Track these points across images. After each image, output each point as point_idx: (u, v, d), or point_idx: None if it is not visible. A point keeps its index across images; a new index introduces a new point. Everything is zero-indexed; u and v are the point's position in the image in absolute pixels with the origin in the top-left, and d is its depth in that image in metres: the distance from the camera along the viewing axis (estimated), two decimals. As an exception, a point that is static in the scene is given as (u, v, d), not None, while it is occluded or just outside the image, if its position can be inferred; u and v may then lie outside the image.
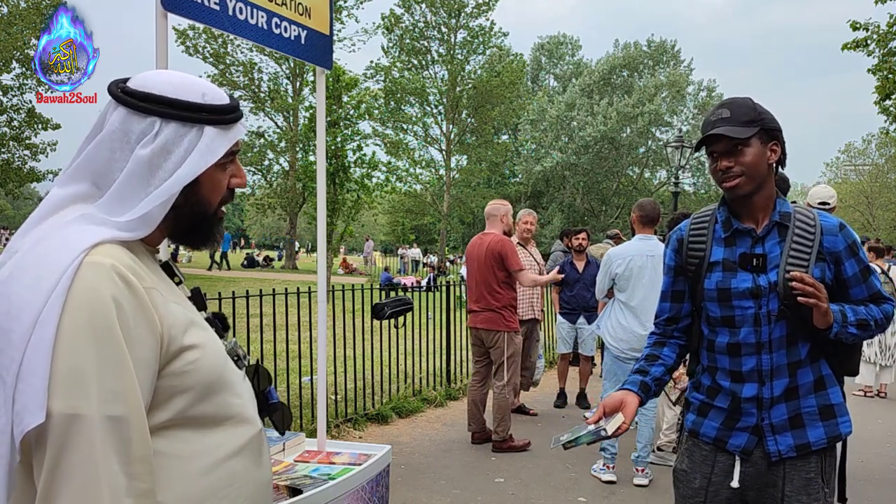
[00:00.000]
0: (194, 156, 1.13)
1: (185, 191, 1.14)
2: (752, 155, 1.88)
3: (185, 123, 1.13)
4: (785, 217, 1.93)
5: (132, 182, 1.09)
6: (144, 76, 1.15)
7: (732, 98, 1.96)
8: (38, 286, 0.99)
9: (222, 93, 1.22)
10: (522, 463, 5.08)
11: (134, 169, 1.09)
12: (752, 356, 1.92)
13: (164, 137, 1.11)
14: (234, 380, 1.21)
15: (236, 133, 1.20)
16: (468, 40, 33.90)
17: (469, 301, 5.56)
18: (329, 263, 16.39)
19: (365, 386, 6.09)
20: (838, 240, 1.92)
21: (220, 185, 1.21)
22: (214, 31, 25.48)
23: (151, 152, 1.10)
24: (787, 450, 1.91)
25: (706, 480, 2.01)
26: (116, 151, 1.10)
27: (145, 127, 1.10)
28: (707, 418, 2.03)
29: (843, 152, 44.44)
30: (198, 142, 1.13)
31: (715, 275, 1.98)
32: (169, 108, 1.11)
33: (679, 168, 15.32)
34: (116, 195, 1.10)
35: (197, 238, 1.23)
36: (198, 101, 1.15)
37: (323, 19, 3.21)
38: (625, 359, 4.71)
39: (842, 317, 1.86)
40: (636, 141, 34.63)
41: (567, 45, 43.88)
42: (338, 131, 14.45)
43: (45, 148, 21.36)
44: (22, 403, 0.95)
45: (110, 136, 1.10)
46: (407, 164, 33.68)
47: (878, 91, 14.08)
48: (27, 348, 0.96)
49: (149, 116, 1.10)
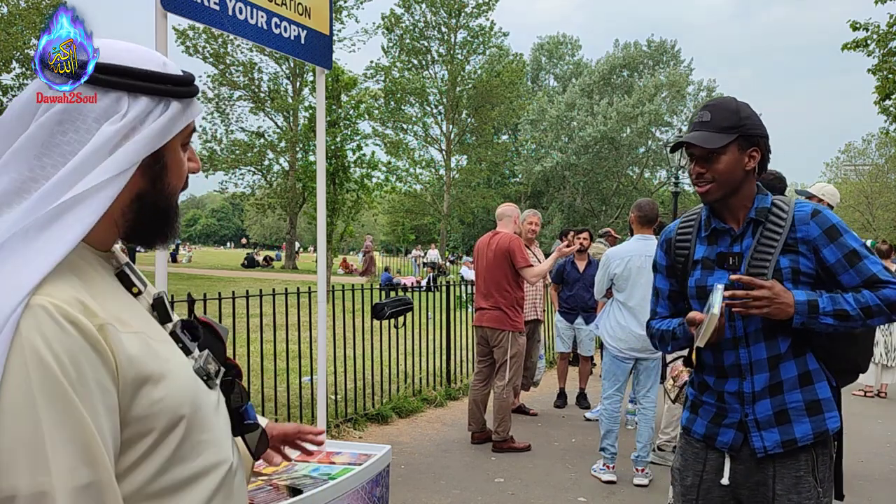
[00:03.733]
0: (154, 129, 0.98)
1: (150, 175, 1.00)
2: (725, 163, 1.89)
3: (153, 97, 0.98)
4: (761, 213, 1.93)
5: (92, 160, 0.94)
6: (99, 46, 0.97)
7: (717, 100, 1.96)
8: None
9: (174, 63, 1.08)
10: (522, 463, 5.08)
11: (97, 146, 0.94)
12: (730, 351, 1.94)
13: (134, 113, 0.96)
14: (204, 412, 1.06)
15: (195, 109, 1.06)
16: (468, 40, 33.93)
17: (477, 298, 5.57)
18: (329, 263, 16.39)
19: (365, 386, 6.09)
20: (811, 227, 1.88)
21: (182, 170, 1.08)
22: (214, 31, 25.49)
23: (120, 128, 0.95)
24: (773, 446, 1.91)
25: (698, 478, 2.03)
26: (69, 132, 0.94)
27: (109, 104, 0.95)
28: (698, 416, 2.05)
29: (843, 152, 44.50)
30: (159, 117, 0.99)
31: (696, 273, 2.01)
32: (135, 81, 0.97)
33: (679, 168, 15.35)
34: (64, 181, 0.93)
35: (159, 231, 1.07)
36: (161, 70, 1.00)
37: (323, 19, 3.21)
38: (623, 358, 4.71)
39: (808, 307, 1.82)
40: (636, 141, 34.65)
41: (567, 46, 43.92)
42: (337, 131, 14.46)
43: (45, 148, 21.37)
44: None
45: (59, 116, 0.93)
46: (407, 164, 33.71)
47: (878, 91, 14.09)
48: None
49: (112, 91, 0.95)
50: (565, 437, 5.85)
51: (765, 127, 1.95)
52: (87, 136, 0.94)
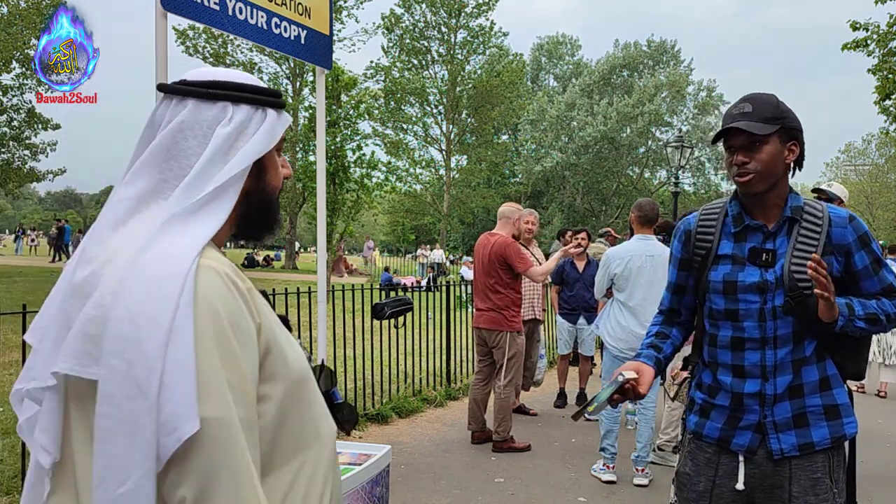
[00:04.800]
0: (260, 134, 1.18)
1: (255, 174, 1.19)
2: (768, 153, 1.86)
3: (252, 106, 1.19)
4: (796, 211, 1.91)
5: (215, 160, 1.13)
6: (197, 71, 1.20)
7: (757, 93, 1.93)
8: (162, 297, 1.00)
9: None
10: (522, 463, 5.08)
11: (217, 147, 1.13)
12: (755, 351, 1.90)
13: (239, 118, 1.16)
14: (312, 385, 1.23)
15: (285, 121, 1.25)
16: (468, 40, 33.90)
17: (475, 299, 5.60)
18: (329, 263, 16.39)
19: (365, 386, 6.09)
20: (847, 231, 1.89)
21: (279, 172, 1.26)
22: (214, 31, 25.48)
23: (231, 130, 1.15)
24: (790, 448, 1.89)
25: (710, 483, 1.98)
26: (189, 139, 1.13)
27: (217, 112, 1.15)
28: (709, 419, 2.00)
29: (843, 152, 44.49)
30: (262, 123, 1.19)
31: (722, 267, 1.96)
32: (237, 92, 1.17)
33: (679, 168, 15.33)
34: (200, 176, 1.12)
35: (265, 224, 1.26)
36: (254, 83, 1.21)
37: (323, 19, 3.21)
38: (624, 358, 4.71)
39: (848, 310, 1.83)
40: (636, 141, 34.62)
41: (567, 46, 43.88)
42: (337, 131, 14.45)
43: (45, 148, 21.38)
44: (171, 412, 0.97)
45: (179, 126, 1.13)
46: (407, 164, 33.68)
47: (878, 91, 14.07)
48: (166, 359, 0.98)
49: (219, 102, 1.16)
50: (565, 437, 5.85)
51: (801, 123, 1.93)
52: (204, 140, 1.13)
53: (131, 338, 0.98)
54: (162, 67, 2.46)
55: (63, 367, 1.02)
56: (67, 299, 1.07)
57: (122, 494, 0.96)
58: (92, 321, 1.01)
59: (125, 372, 0.98)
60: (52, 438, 1.06)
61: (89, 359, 1.01)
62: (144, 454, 0.96)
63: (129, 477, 0.96)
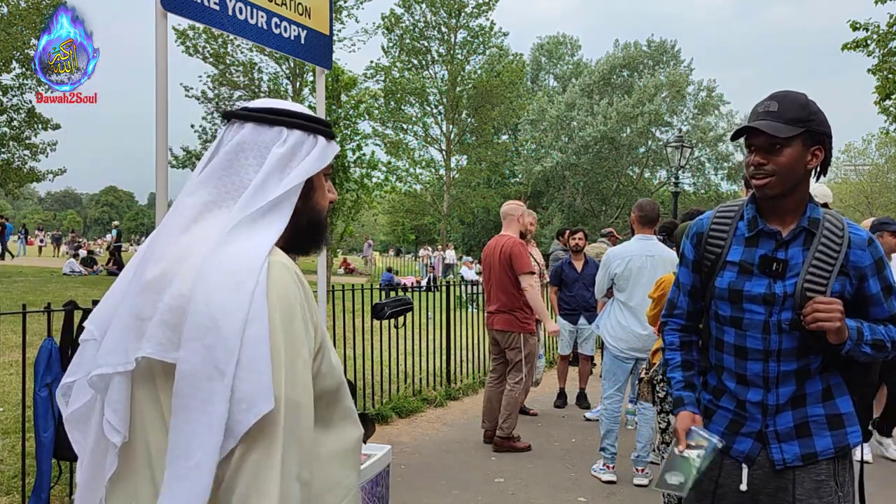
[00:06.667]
0: (312, 157, 1.32)
1: (304, 194, 1.31)
2: (788, 156, 1.79)
3: (304, 132, 1.33)
4: (813, 224, 1.85)
5: (272, 176, 1.26)
6: (257, 101, 1.37)
7: (785, 92, 1.86)
8: (239, 288, 1.11)
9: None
10: (522, 463, 5.09)
11: (273, 164, 1.26)
12: (758, 362, 1.87)
13: (293, 141, 1.30)
14: (346, 389, 1.35)
15: (334, 148, 1.38)
16: (468, 40, 33.87)
17: (487, 303, 5.64)
18: (329, 263, 16.38)
19: (365, 386, 6.09)
20: (866, 255, 1.83)
21: (325, 194, 1.39)
22: (214, 31, 25.47)
23: (285, 151, 1.28)
24: (792, 458, 1.87)
25: (713, 483, 1.97)
26: (249, 157, 1.27)
27: (274, 135, 1.29)
28: (712, 421, 1.99)
29: (843, 152, 44.39)
30: (313, 148, 1.33)
31: (728, 273, 1.91)
32: (291, 118, 1.32)
33: (679, 168, 15.32)
34: (259, 189, 1.24)
35: (312, 240, 1.39)
36: (307, 112, 1.36)
37: (323, 19, 3.21)
38: (624, 358, 4.71)
39: (857, 334, 1.79)
40: (636, 141, 34.61)
41: (567, 46, 43.88)
42: (337, 131, 14.44)
43: (45, 148, 21.33)
44: (247, 392, 1.07)
45: (240, 146, 1.28)
46: (407, 164, 33.66)
47: (878, 91, 14.06)
48: (243, 343, 1.08)
49: (275, 126, 1.30)
50: (565, 437, 5.85)
51: (830, 127, 1.86)
52: (261, 158, 1.27)
53: (210, 324, 1.09)
54: (162, 67, 2.45)
55: (150, 351, 1.13)
56: (139, 294, 1.18)
57: (191, 468, 1.06)
58: (171, 310, 1.13)
59: (205, 355, 1.08)
60: (122, 418, 1.17)
61: (171, 344, 1.12)
62: (215, 430, 1.06)
63: (199, 451, 1.06)
